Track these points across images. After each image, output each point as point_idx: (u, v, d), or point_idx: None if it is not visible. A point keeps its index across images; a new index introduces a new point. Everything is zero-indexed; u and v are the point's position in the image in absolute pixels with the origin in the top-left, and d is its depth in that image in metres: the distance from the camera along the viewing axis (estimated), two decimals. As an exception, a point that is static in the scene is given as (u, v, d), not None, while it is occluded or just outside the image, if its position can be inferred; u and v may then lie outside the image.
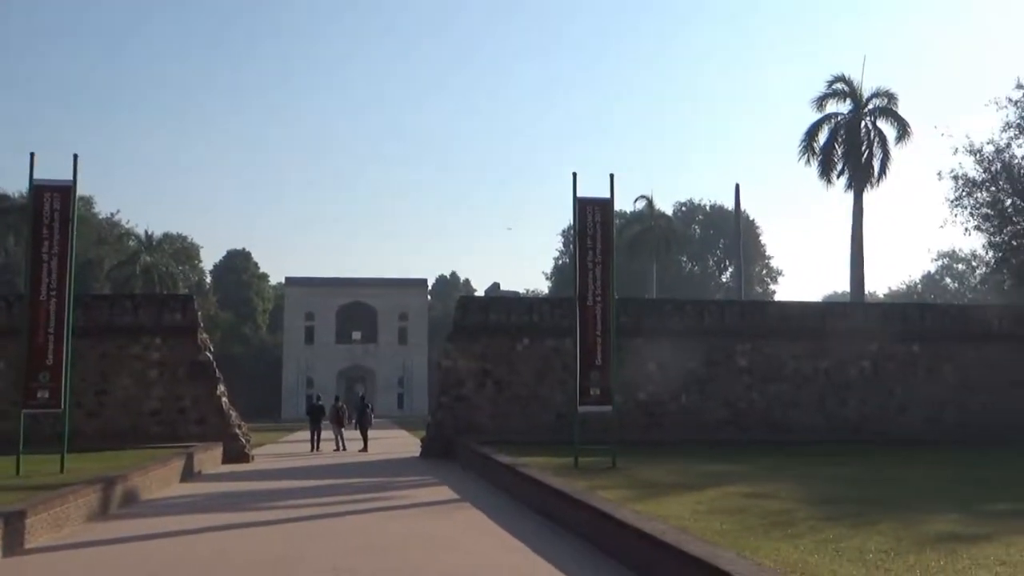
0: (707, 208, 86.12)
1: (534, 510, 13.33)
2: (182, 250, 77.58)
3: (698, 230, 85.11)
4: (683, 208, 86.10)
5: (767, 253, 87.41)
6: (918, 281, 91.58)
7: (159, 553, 10.49)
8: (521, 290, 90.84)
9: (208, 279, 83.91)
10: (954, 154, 62.26)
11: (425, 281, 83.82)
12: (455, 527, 12.40)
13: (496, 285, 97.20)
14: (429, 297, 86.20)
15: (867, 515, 10.68)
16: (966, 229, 40.15)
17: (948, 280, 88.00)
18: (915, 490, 13.54)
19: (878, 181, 38.95)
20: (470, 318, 26.24)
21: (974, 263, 69.83)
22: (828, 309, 30.48)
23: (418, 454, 25.56)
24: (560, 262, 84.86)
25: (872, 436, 25.17)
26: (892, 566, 7.63)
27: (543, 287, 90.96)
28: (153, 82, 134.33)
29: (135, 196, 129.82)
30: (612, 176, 18.03)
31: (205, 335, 26.17)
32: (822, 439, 24.46)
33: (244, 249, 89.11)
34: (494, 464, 17.47)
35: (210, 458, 22.10)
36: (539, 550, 10.22)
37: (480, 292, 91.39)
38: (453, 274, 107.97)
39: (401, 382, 78.25)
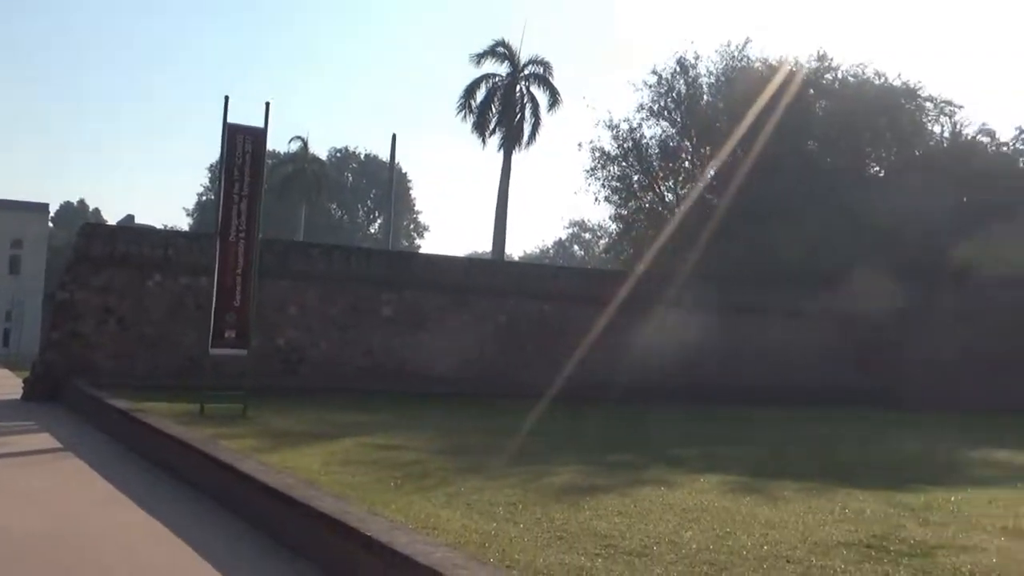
0: (362, 157, 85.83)
1: (151, 462, 12.08)
2: None
3: (351, 178, 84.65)
4: (338, 154, 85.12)
5: (416, 207, 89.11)
6: (550, 246, 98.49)
7: None
8: (160, 225, 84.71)
9: None
10: (595, 127, 67.35)
11: (46, 206, 75.29)
12: (52, 481, 10.85)
13: (131, 217, 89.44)
14: (51, 224, 77.73)
15: (496, 467, 10.82)
16: (596, 199, 43.48)
17: (576, 247, 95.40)
18: (540, 441, 14.03)
19: (528, 145, 40.82)
20: (95, 248, 23.62)
21: (599, 233, 76.30)
22: (472, 265, 31.39)
23: (19, 396, 22.63)
24: (204, 198, 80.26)
25: (504, 388, 26.26)
26: (521, 519, 7.62)
27: (184, 224, 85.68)
28: None
29: None
30: (268, 105, 16.94)
31: None
32: (459, 390, 25.13)
33: None
34: (107, 409, 15.73)
35: None
36: (150, 506, 9.14)
37: (112, 223, 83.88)
38: (81, 202, 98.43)
39: (10, 316, 69.96)
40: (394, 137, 47.23)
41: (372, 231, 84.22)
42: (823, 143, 37.34)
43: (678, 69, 39.68)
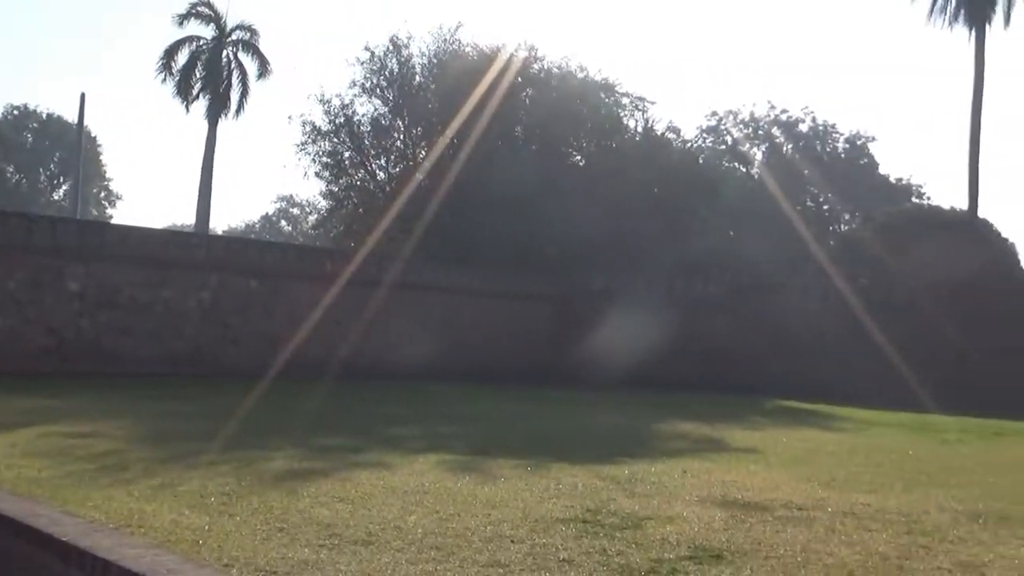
0: (44, 116, 78.20)
1: None
2: None
3: (31, 138, 76.88)
4: (15, 112, 77.01)
5: (107, 174, 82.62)
6: (256, 221, 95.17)
7: None
8: None
9: None
10: (307, 100, 65.74)
11: None
12: None
13: None
14: None
15: (205, 454, 10.18)
16: (306, 174, 42.44)
17: (284, 223, 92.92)
18: (251, 425, 13.32)
19: (236, 114, 38.94)
20: None
21: (308, 209, 74.69)
22: (172, 238, 29.57)
23: None
24: None
25: (207, 369, 24.97)
26: (236, 510, 7.19)
27: None
28: None
29: None
30: (-73, 49, 14.74)
31: None
32: (156, 371, 23.56)
33: None
34: None
35: None
36: None
37: None
38: None
39: None
40: (83, 97, 43.78)
41: (56, 197, 76.92)
42: (529, 131, 38.78)
43: (391, 48, 39.41)
